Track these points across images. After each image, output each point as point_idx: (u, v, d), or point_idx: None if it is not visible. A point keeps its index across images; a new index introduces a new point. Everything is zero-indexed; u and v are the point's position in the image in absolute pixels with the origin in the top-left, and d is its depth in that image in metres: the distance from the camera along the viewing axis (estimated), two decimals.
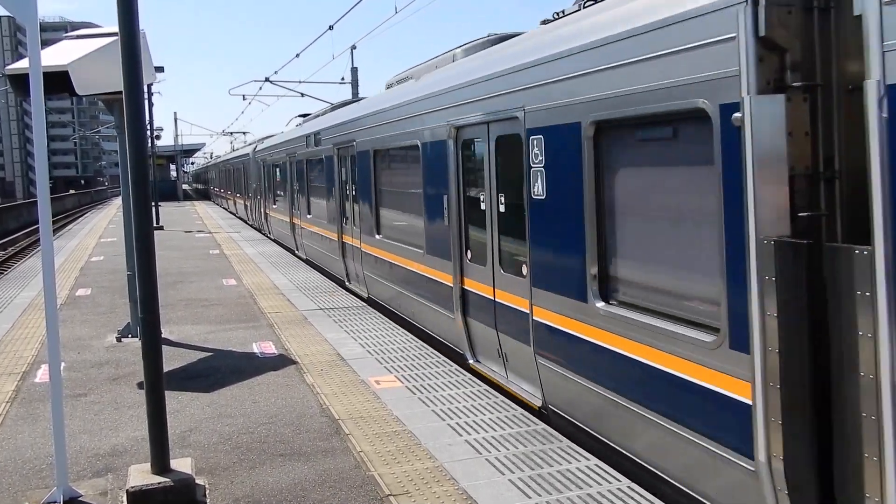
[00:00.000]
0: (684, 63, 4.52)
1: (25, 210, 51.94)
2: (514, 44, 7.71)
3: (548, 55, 6.19)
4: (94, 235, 27.50)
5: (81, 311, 12.19)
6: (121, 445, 6.24)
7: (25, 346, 9.79)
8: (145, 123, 5.45)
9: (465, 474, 5.38)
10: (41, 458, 5.99)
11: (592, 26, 5.70)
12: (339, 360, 8.66)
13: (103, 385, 8.03)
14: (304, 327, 10.49)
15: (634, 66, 4.99)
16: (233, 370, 8.45)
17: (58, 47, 9.55)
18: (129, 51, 5.20)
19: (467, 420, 6.50)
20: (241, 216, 35.71)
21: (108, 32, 9.73)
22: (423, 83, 9.92)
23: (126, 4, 5.22)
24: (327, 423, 6.60)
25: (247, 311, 11.90)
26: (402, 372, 8.07)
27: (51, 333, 5.28)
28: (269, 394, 7.51)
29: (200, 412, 7.02)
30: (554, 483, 5.20)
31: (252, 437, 6.33)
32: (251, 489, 5.31)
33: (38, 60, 5.26)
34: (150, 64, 10.69)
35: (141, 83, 5.32)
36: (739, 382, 4.27)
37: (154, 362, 5.32)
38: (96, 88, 9.25)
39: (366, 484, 5.31)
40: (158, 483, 5.09)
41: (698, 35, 4.38)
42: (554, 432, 6.17)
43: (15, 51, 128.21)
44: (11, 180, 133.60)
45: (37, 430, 6.63)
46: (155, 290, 5.34)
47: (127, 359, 9.06)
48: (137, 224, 5.33)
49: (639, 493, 4.99)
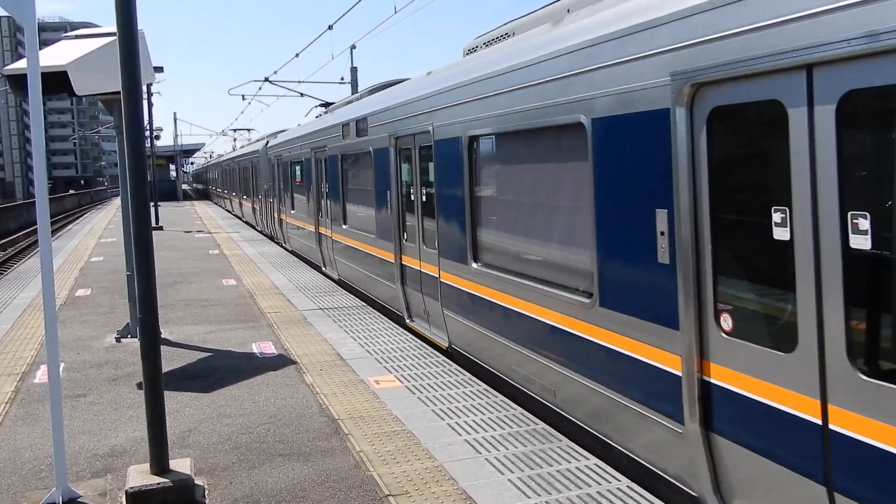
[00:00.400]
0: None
1: (25, 210, 51.93)
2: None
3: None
4: (94, 236, 27.49)
5: (81, 312, 12.19)
6: (120, 446, 6.23)
7: (25, 346, 9.79)
8: (143, 124, 5.44)
9: (465, 474, 5.38)
10: (40, 458, 5.99)
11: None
12: (339, 360, 8.65)
13: (103, 385, 8.03)
14: (304, 327, 10.48)
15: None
16: (232, 370, 8.44)
17: (57, 47, 9.56)
18: (128, 51, 5.19)
19: (467, 419, 6.50)
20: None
21: (106, 32, 9.73)
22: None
23: (124, 4, 5.21)
24: (327, 423, 6.59)
25: (246, 311, 11.89)
26: (402, 372, 8.07)
27: (50, 334, 5.28)
28: (268, 394, 7.51)
29: (200, 412, 7.02)
30: (553, 483, 5.20)
31: (251, 437, 6.32)
32: (250, 489, 5.31)
33: (36, 61, 5.26)
34: (148, 64, 10.69)
35: (139, 83, 5.31)
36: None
37: (153, 362, 5.31)
38: (95, 89, 9.25)
39: (365, 484, 5.31)
40: (157, 483, 5.09)
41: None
42: (554, 431, 6.17)
43: (14, 51, 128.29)
44: (11, 180, 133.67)
45: (36, 430, 6.63)
46: (154, 291, 5.34)
47: (126, 359, 9.06)
48: (136, 224, 5.32)
49: (638, 492, 4.99)
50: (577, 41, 5.79)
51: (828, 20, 3.60)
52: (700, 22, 4.43)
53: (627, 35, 5.12)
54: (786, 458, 4.05)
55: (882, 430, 3.51)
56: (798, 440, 3.97)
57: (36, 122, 5.21)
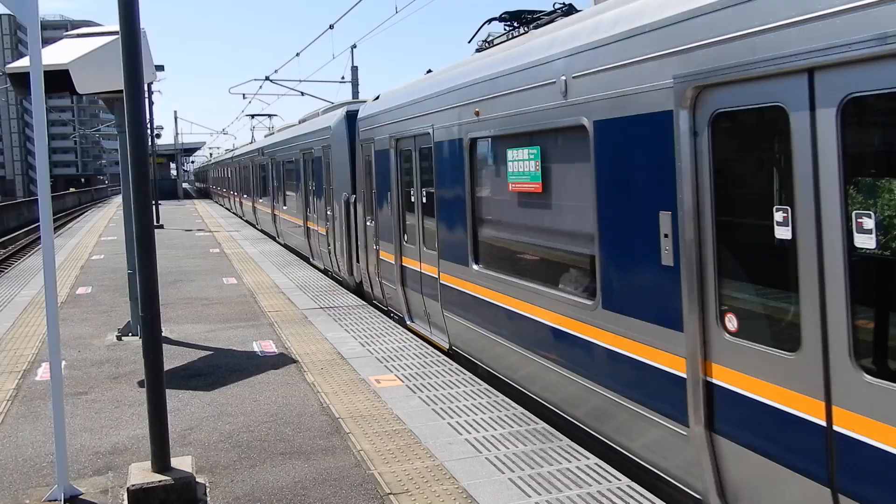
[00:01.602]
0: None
1: (26, 208, 51.96)
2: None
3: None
4: (95, 234, 27.50)
5: (82, 310, 12.20)
6: (121, 444, 6.25)
7: (26, 344, 9.80)
8: (146, 122, 5.45)
9: (465, 473, 5.39)
10: (42, 456, 6.00)
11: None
12: (340, 359, 8.66)
13: (104, 383, 8.04)
14: (305, 326, 10.49)
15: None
16: (233, 369, 8.46)
17: (58, 46, 9.57)
18: (130, 49, 5.20)
19: (467, 419, 6.51)
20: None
21: (108, 31, 9.75)
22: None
23: (126, 3, 5.22)
24: (327, 422, 6.60)
25: (247, 309, 11.90)
26: (403, 371, 8.08)
27: (51, 332, 5.29)
28: (269, 392, 7.52)
29: (201, 410, 7.03)
30: (553, 482, 5.21)
31: (252, 436, 6.33)
32: (251, 487, 5.32)
33: (38, 59, 5.27)
34: (150, 63, 10.70)
35: (141, 82, 5.32)
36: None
37: (154, 360, 5.32)
38: (97, 87, 9.27)
39: (366, 482, 5.32)
40: (159, 481, 5.10)
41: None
42: (554, 431, 6.17)
43: (15, 49, 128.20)
44: (12, 179, 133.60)
45: (38, 428, 6.64)
46: (155, 289, 5.35)
47: (127, 357, 9.07)
48: (138, 222, 5.33)
49: (638, 491, 5.00)
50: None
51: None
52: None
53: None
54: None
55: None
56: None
57: (39, 121, 5.22)
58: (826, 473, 3.83)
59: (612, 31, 5.37)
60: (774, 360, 4.10)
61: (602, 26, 5.57)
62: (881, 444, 3.52)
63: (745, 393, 4.30)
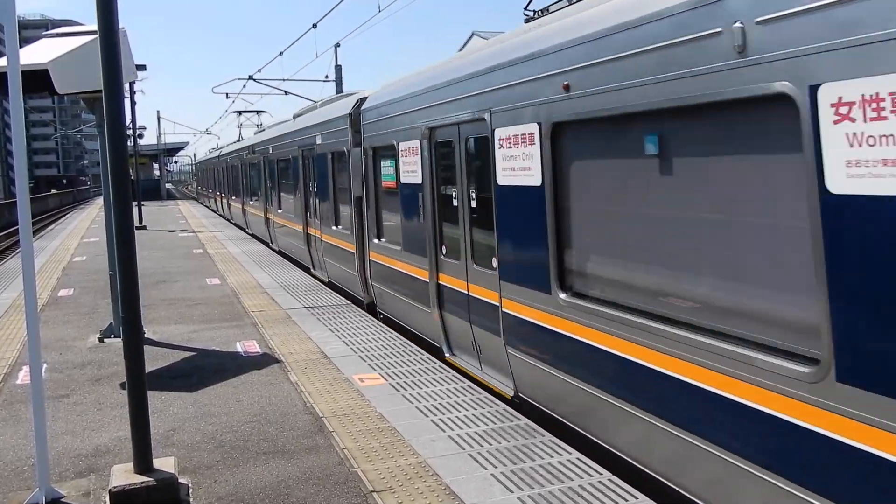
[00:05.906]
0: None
1: (6, 210, 51.42)
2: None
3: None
4: (77, 235, 27.30)
5: (64, 312, 12.12)
6: (104, 445, 6.22)
7: (7, 347, 9.72)
8: (125, 122, 5.43)
9: (449, 469, 5.41)
10: (23, 459, 5.96)
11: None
12: (324, 359, 8.66)
13: (86, 386, 7.99)
14: (289, 326, 10.48)
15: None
16: (216, 369, 8.43)
17: (38, 45, 9.50)
18: (108, 49, 5.18)
19: (450, 416, 6.54)
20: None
21: (88, 31, 9.68)
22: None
23: (105, 2, 5.20)
24: (311, 421, 6.61)
25: (231, 310, 11.87)
26: (386, 369, 8.09)
27: (31, 335, 5.26)
28: (252, 392, 7.51)
29: (184, 411, 7.01)
30: (536, 477, 5.24)
31: (236, 436, 6.33)
32: (234, 487, 5.31)
33: (16, 59, 5.23)
34: (130, 62, 10.64)
35: (120, 81, 5.30)
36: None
37: (136, 362, 5.31)
38: (77, 87, 9.20)
39: (349, 480, 5.33)
40: (141, 483, 5.09)
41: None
42: (537, 427, 6.21)
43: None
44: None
45: (19, 431, 6.60)
46: (136, 290, 5.33)
47: (109, 359, 9.02)
48: (118, 223, 5.31)
49: (619, 485, 5.04)
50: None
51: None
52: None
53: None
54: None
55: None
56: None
57: (17, 122, 5.18)
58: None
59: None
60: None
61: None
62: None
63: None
